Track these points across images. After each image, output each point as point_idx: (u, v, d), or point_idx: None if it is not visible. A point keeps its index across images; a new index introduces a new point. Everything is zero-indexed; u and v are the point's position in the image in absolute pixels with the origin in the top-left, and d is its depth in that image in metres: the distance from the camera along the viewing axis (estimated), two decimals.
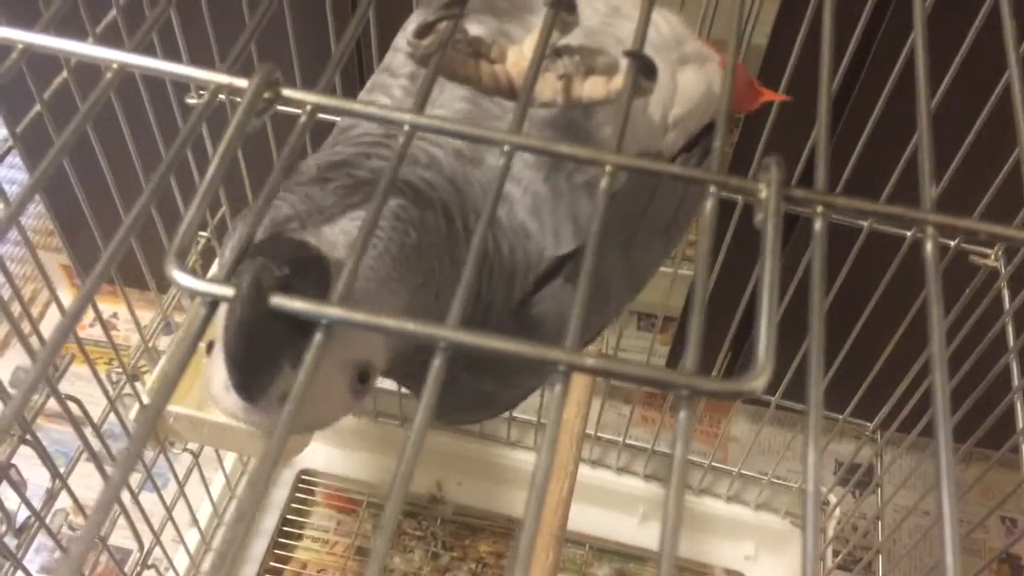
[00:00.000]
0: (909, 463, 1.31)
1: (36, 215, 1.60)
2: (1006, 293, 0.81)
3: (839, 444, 1.36)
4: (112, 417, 0.94)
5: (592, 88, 0.49)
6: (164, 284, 1.05)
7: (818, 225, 0.33)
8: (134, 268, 0.94)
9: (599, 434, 1.31)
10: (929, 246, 0.32)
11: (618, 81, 0.48)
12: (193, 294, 0.29)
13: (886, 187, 0.85)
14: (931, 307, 0.31)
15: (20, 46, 0.36)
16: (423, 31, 0.45)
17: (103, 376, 0.91)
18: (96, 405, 0.89)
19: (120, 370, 0.94)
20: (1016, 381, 0.78)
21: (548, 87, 0.49)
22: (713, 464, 1.26)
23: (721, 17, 0.95)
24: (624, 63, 0.38)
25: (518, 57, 0.50)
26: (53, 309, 1.55)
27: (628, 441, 1.30)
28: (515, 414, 1.32)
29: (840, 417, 1.12)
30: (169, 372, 0.29)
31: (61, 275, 1.58)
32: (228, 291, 0.29)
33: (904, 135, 0.73)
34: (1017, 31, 0.40)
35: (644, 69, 0.38)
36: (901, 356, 0.96)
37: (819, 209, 0.33)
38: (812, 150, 0.82)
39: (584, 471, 1.16)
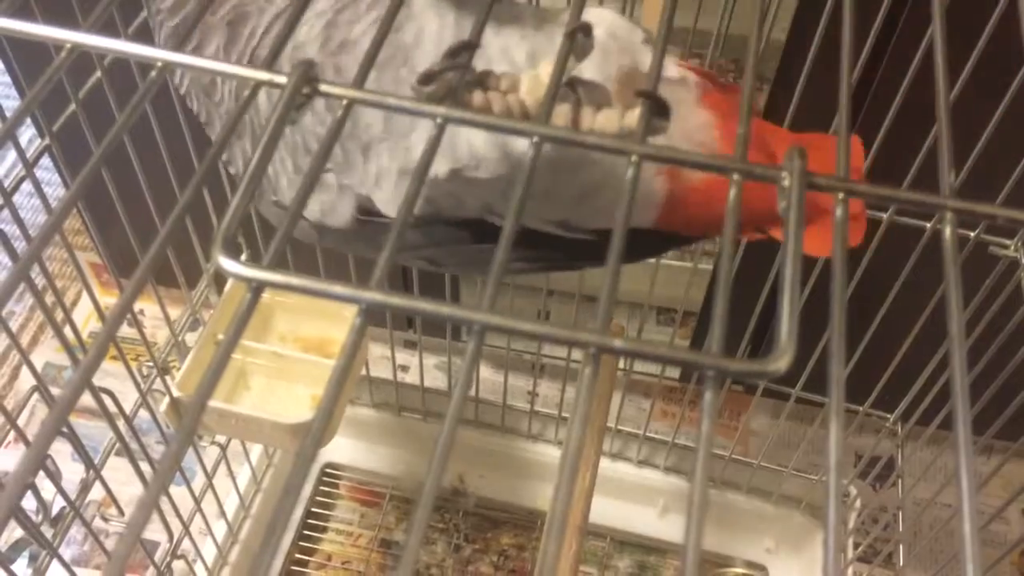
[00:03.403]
0: (930, 455, 1.31)
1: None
2: None
3: (859, 437, 1.36)
4: (142, 411, 0.96)
5: (605, 121, 0.49)
6: (192, 279, 1.07)
7: (839, 211, 0.34)
8: (162, 263, 0.96)
9: (619, 427, 1.32)
10: (948, 231, 0.33)
11: (632, 118, 0.48)
12: (240, 279, 0.31)
13: (907, 176, 0.85)
14: (950, 295, 0.32)
15: (68, 45, 0.37)
16: (426, 79, 0.44)
17: (134, 370, 0.93)
18: (124, 397, 0.91)
19: (151, 364, 0.96)
20: None
21: (562, 118, 0.50)
22: (734, 457, 1.27)
23: (740, 12, 0.96)
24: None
25: (534, 84, 0.50)
26: (81, 306, 1.58)
27: (648, 434, 1.31)
28: (537, 408, 1.33)
29: (860, 409, 1.13)
30: (214, 362, 0.30)
31: (89, 272, 1.60)
32: (274, 276, 0.31)
33: (926, 124, 0.74)
34: None
35: (657, 109, 0.38)
36: (921, 348, 0.96)
37: (840, 196, 0.34)
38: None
39: (605, 464, 1.17)
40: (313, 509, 1.37)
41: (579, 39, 0.44)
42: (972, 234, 0.83)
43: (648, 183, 0.60)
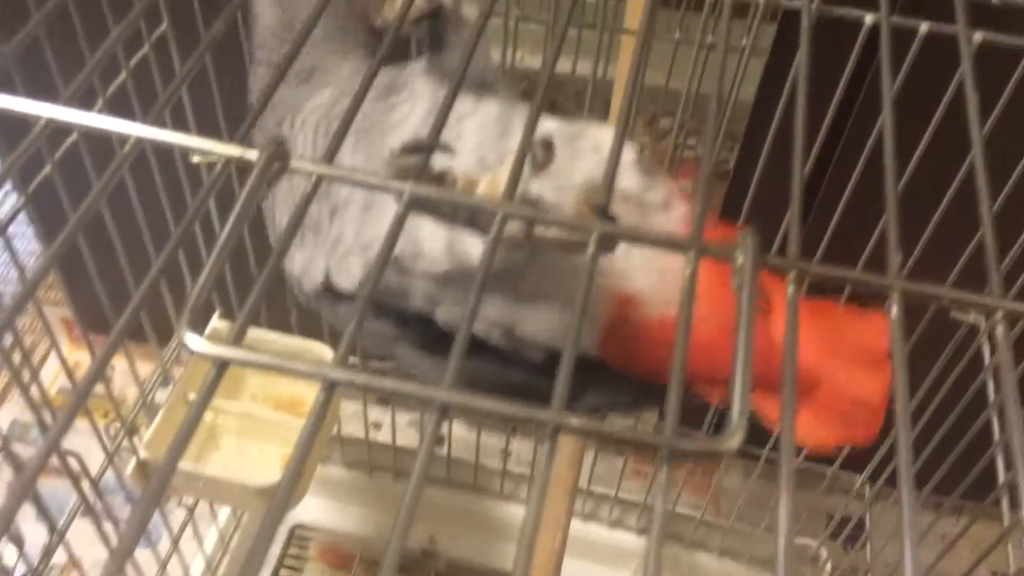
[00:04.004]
0: (898, 516, 1.31)
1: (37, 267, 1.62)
2: (986, 349, 0.83)
3: (830, 497, 1.36)
4: (108, 470, 0.95)
5: (556, 234, 0.49)
6: (163, 336, 1.06)
7: (791, 290, 0.35)
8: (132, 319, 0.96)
9: (592, 488, 1.31)
10: (895, 311, 0.35)
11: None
12: (205, 358, 0.31)
13: (869, 241, 0.87)
14: (896, 371, 0.33)
15: (43, 120, 0.38)
16: (390, 170, 0.45)
17: (101, 430, 0.93)
18: (90, 455, 0.89)
19: (118, 424, 0.95)
20: (997, 436, 0.80)
21: (514, 227, 0.49)
22: (705, 519, 1.27)
23: (711, 73, 0.98)
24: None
25: (491, 189, 0.50)
26: (52, 360, 1.56)
27: (621, 495, 1.30)
28: (511, 466, 1.33)
29: (829, 471, 1.13)
30: (178, 436, 0.31)
31: (60, 328, 1.59)
32: (238, 353, 0.31)
33: (881, 205, 0.76)
34: (980, 110, 0.42)
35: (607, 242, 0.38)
36: (888, 410, 0.97)
37: (793, 275, 0.35)
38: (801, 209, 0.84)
39: (576, 525, 1.17)
40: (281, 572, 1.35)
41: (538, 153, 0.45)
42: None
43: (597, 302, 0.58)
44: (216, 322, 1.08)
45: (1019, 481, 0.34)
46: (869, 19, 0.71)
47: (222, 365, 0.32)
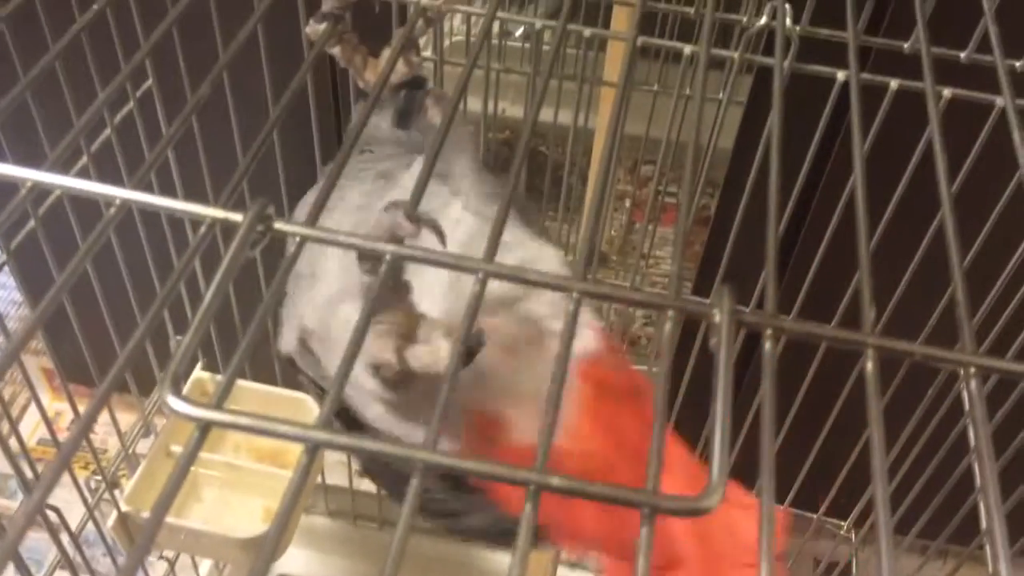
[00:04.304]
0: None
1: (18, 317, 1.61)
2: (966, 395, 0.84)
3: (817, 542, 1.36)
4: (89, 523, 0.94)
5: (422, 356, 0.48)
6: (145, 387, 1.06)
7: (767, 347, 0.36)
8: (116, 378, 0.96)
9: None
10: (869, 366, 0.35)
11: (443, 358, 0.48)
12: (187, 419, 0.31)
13: (847, 291, 0.88)
14: (872, 423, 0.33)
15: (28, 183, 0.39)
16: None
17: (82, 483, 0.92)
18: (70, 507, 0.88)
19: (99, 477, 0.94)
20: (979, 481, 0.80)
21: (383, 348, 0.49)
22: None
23: (690, 122, 1.00)
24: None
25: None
26: (33, 410, 1.55)
27: None
28: None
29: (815, 516, 1.13)
30: (162, 496, 0.31)
31: (41, 377, 1.58)
32: (221, 416, 0.31)
33: (855, 262, 0.77)
34: (950, 165, 0.44)
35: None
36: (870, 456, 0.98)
37: (769, 332, 0.36)
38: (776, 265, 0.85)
39: (563, 573, 1.16)
40: None
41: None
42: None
43: (456, 420, 0.55)
44: (199, 372, 1.08)
45: (995, 536, 0.34)
46: (841, 76, 0.73)
47: (205, 426, 0.32)
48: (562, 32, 0.51)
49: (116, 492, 0.95)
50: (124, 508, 0.91)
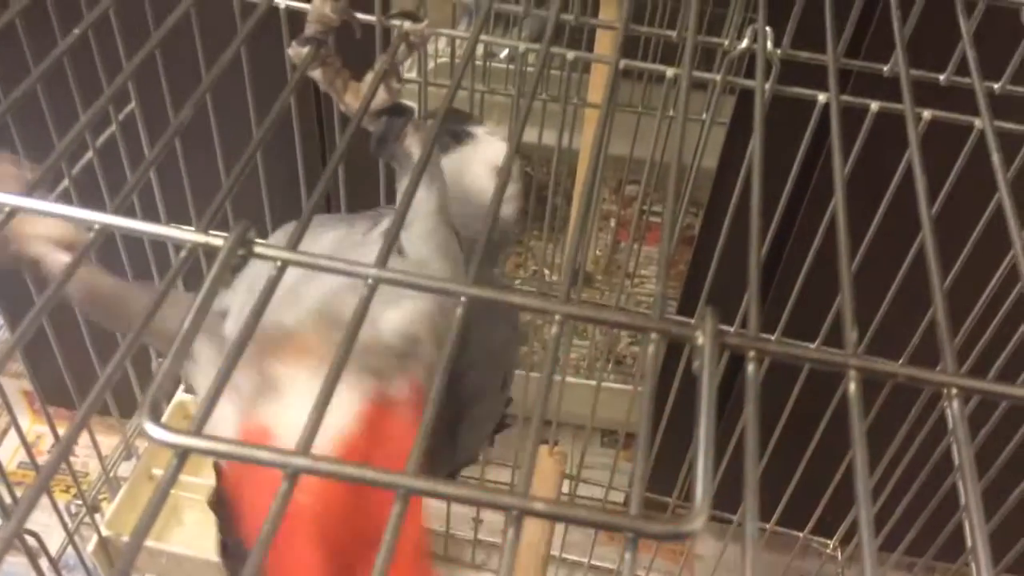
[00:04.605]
0: None
1: None
2: (949, 413, 0.84)
3: (804, 560, 1.36)
4: (69, 548, 0.93)
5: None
6: (126, 410, 1.05)
7: (751, 369, 0.36)
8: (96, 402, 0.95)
9: (564, 555, 1.30)
10: (852, 388, 0.35)
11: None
12: (166, 446, 0.31)
13: (831, 310, 0.89)
14: (855, 444, 0.33)
15: (7, 208, 0.38)
16: None
17: (62, 507, 0.91)
18: (50, 531, 0.87)
19: (80, 501, 0.93)
20: (964, 499, 0.80)
21: None
22: None
23: (673, 142, 1.01)
24: None
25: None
26: (10, 437, 1.53)
27: (594, 561, 1.29)
28: (481, 535, 1.31)
29: (801, 535, 1.13)
30: (140, 522, 0.30)
31: (21, 399, 1.56)
32: (201, 443, 0.31)
33: (836, 283, 0.78)
34: (930, 186, 0.44)
35: None
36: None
37: (752, 354, 0.36)
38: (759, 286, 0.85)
39: None
40: None
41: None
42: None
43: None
44: (180, 395, 1.07)
45: (978, 555, 0.34)
46: (822, 98, 0.73)
47: (183, 453, 0.32)
48: (545, 55, 0.51)
49: (97, 516, 0.94)
50: (105, 532, 0.90)
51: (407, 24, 0.60)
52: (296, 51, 0.59)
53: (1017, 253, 0.40)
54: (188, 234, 0.38)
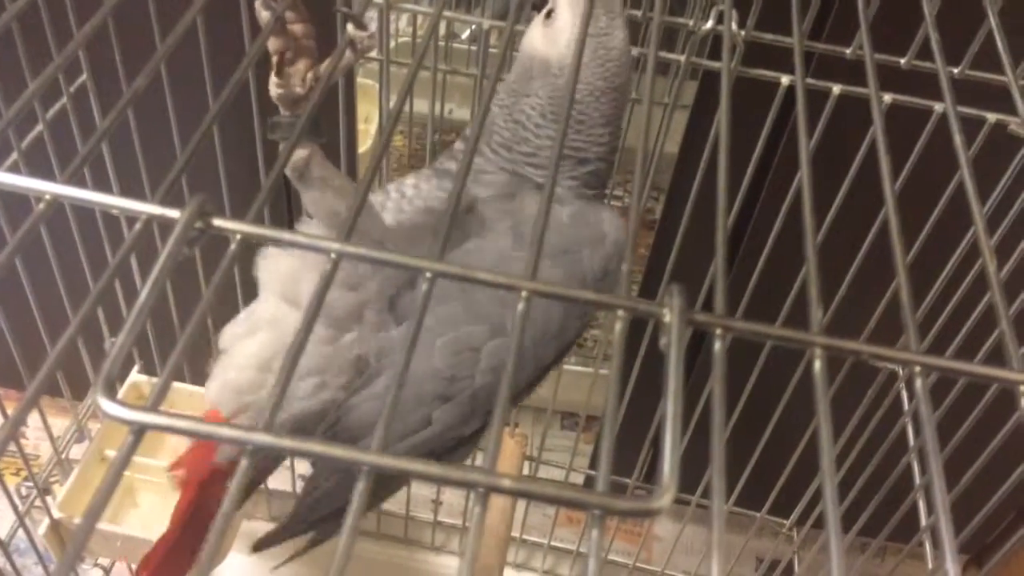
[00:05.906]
0: (825, 558, 1.33)
1: None
2: (905, 394, 0.86)
3: (760, 540, 1.38)
4: (20, 532, 0.91)
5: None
6: (78, 390, 1.02)
7: (717, 346, 0.36)
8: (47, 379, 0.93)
9: (524, 536, 1.30)
10: (817, 365, 0.35)
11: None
12: (122, 423, 0.30)
13: (793, 287, 0.89)
14: (820, 422, 0.33)
15: None
16: None
17: (12, 490, 0.88)
18: (1, 519, 0.85)
19: (30, 484, 0.91)
20: (918, 479, 0.82)
21: None
22: (637, 565, 1.27)
23: (636, 126, 1.00)
24: None
25: None
26: None
27: (553, 543, 1.30)
28: (441, 517, 1.31)
29: (757, 515, 1.15)
30: (93, 503, 0.29)
31: None
32: (157, 419, 0.30)
33: (803, 250, 0.78)
34: (892, 169, 0.44)
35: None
36: (814, 456, 0.99)
37: (718, 331, 0.36)
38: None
39: (510, 574, 1.15)
40: None
41: None
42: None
43: None
44: (135, 376, 1.05)
45: (942, 529, 0.34)
46: (785, 80, 0.73)
47: (139, 430, 0.31)
48: (510, 33, 0.50)
49: (48, 499, 0.92)
50: (57, 515, 0.88)
51: (351, 29, 0.58)
52: (261, 8, 0.58)
53: (979, 232, 0.40)
54: (143, 206, 0.37)
